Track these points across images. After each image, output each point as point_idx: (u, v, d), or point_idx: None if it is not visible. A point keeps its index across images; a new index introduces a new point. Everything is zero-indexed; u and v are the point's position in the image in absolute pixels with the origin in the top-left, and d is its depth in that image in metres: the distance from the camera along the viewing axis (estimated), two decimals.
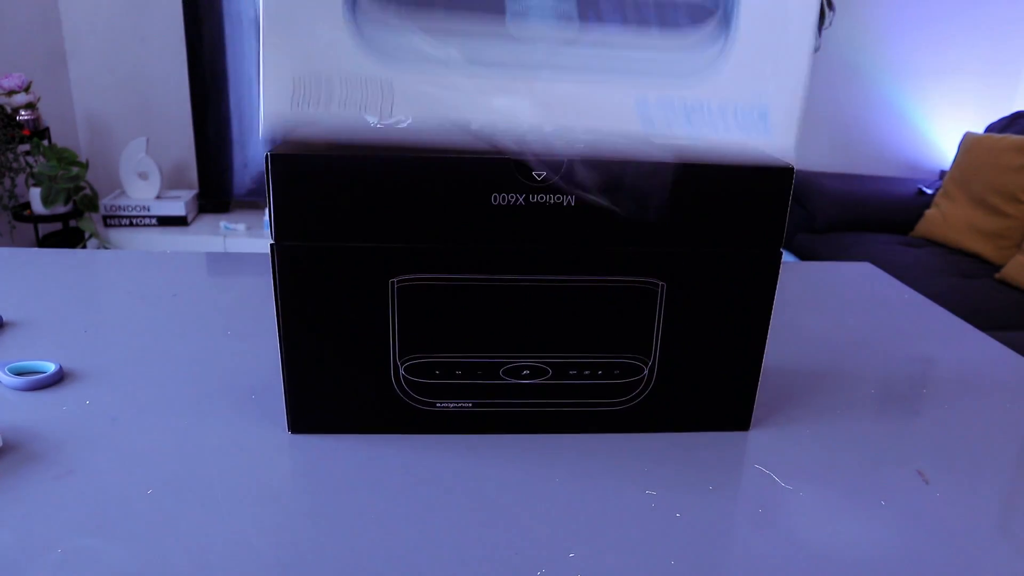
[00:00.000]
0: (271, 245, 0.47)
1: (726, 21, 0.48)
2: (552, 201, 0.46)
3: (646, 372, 0.51)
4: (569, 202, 0.46)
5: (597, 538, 0.42)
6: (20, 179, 2.69)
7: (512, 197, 0.46)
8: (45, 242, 2.77)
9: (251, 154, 3.00)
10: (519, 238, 0.47)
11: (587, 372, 0.51)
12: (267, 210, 0.47)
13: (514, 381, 0.51)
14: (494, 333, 0.49)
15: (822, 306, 0.80)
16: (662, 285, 0.49)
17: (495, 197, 0.46)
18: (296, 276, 0.47)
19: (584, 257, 0.48)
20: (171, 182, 3.17)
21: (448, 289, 0.48)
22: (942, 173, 3.23)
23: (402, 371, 0.50)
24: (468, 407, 0.51)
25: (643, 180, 0.46)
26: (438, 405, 0.51)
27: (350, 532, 0.42)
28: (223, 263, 0.89)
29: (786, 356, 0.66)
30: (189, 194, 3.02)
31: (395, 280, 0.47)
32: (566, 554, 0.41)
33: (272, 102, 0.44)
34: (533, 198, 0.46)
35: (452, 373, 0.50)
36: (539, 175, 0.46)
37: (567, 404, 0.52)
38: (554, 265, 0.48)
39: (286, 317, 0.48)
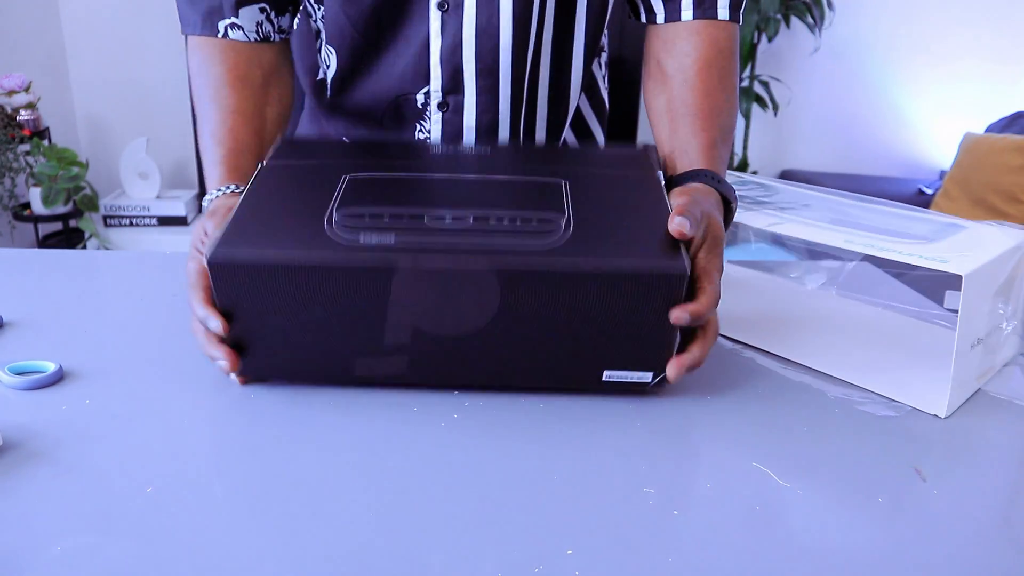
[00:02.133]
0: None
1: None
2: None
3: (562, 224, 0.53)
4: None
5: (595, 535, 0.42)
6: (20, 179, 2.69)
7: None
8: (45, 242, 2.77)
9: None
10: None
11: (506, 222, 0.53)
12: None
13: (437, 226, 0.53)
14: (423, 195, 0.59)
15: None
16: (565, 183, 0.58)
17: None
18: None
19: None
20: (171, 182, 3.17)
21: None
22: (942, 173, 3.23)
23: (335, 216, 0.53)
24: (390, 243, 0.51)
25: None
26: (361, 239, 0.51)
27: (351, 531, 0.42)
28: None
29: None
30: (189, 194, 3.02)
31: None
32: (564, 550, 0.41)
33: None
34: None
35: (380, 219, 0.53)
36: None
37: (488, 246, 0.52)
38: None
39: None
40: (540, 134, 0.81)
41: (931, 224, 0.63)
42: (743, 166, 3.20)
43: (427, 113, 0.76)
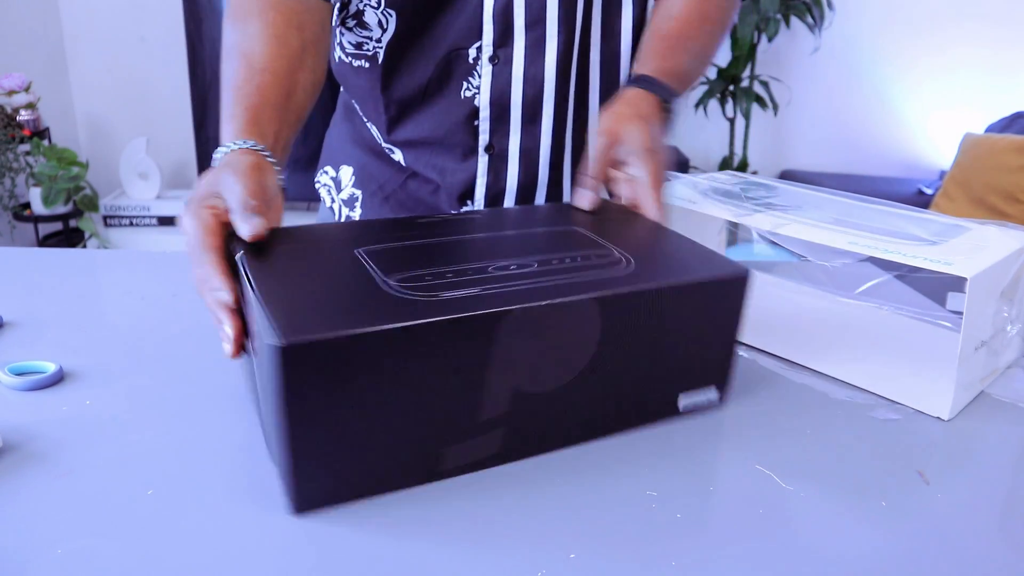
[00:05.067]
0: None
1: None
2: None
3: (619, 255, 0.54)
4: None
5: (598, 539, 0.42)
6: (20, 179, 2.69)
7: None
8: (45, 242, 2.77)
9: None
10: None
11: (568, 261, 0.52)
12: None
13: (505, 274, 0.50)
14: (460, 254, 0.54)
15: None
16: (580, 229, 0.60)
17: None
18: None
19: None
20: (171, 182, 3.17)
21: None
22: (942, 173, 3.23)
23: (389, 282, 0.47)
24: (476, 293, 0.47)
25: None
26: (443, 295, 0.46)
27: (350, 533, 0.42)
28: None
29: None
30: (189, 194, 3.02)
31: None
32: (567, 555, 0.41)
33: None
34: None
35: (444, 277, 0.49)
36: None
37: (577, 281, 0.50)
38: None
39: None
40: (593, 97, 0.84)
41: (934, 225, 0.63)
42: (743, 166, 3.20)
43: (478, 67, 0.79)
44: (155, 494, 0.44)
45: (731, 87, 3.13)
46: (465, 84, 0.80)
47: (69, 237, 2.80)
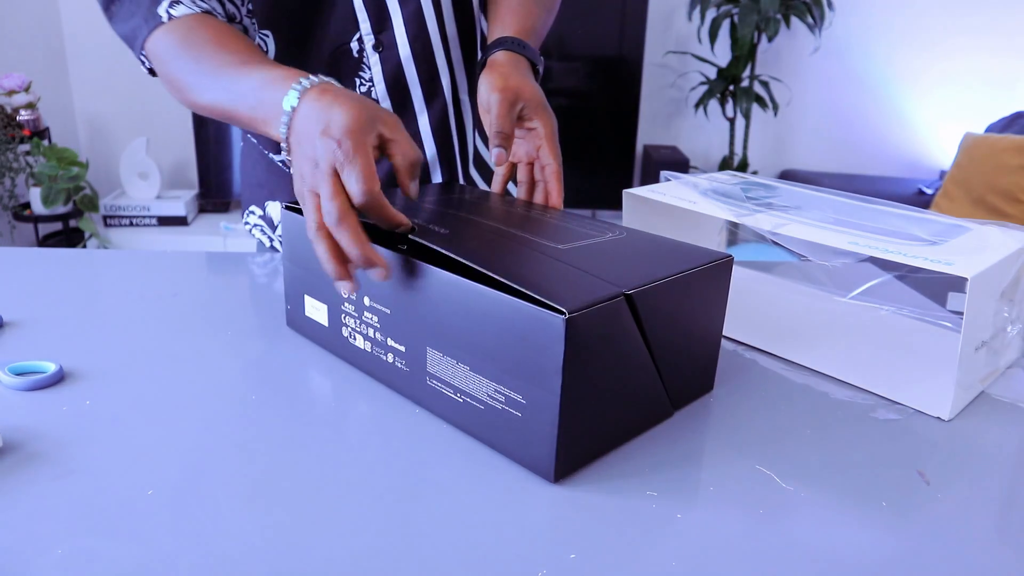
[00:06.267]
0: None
1: None
2: None
3: None
4: None
5: (598, 539, 0.42)
6: (20, 179, 2.69)
7: None
8: (45, 242, 2.77)
9: None
10: None
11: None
12: None
13: None
14: None
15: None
16: None
17: None
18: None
19: None
20: (171, 182, 3.17)
21: None
22: (942, 173, 3.23)
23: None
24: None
25: None
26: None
27: (351, 534, 0.42)
28: (223, 263, 0.89)
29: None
30: (189, 194, 3.02)
31: None
32: (567, 555, 0.41)
33: None
34: None
35: None
36: None
37: None
38: None
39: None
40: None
41: (934, 225, 0.63)
42: (743, 166, 3.20)
43: (364, 59, 0.79)
44: (155, 494, 0.44)
45: (731, 87, 3.13)
46: (358, 80, 0.79)
47: (69, 237, 2.80)
